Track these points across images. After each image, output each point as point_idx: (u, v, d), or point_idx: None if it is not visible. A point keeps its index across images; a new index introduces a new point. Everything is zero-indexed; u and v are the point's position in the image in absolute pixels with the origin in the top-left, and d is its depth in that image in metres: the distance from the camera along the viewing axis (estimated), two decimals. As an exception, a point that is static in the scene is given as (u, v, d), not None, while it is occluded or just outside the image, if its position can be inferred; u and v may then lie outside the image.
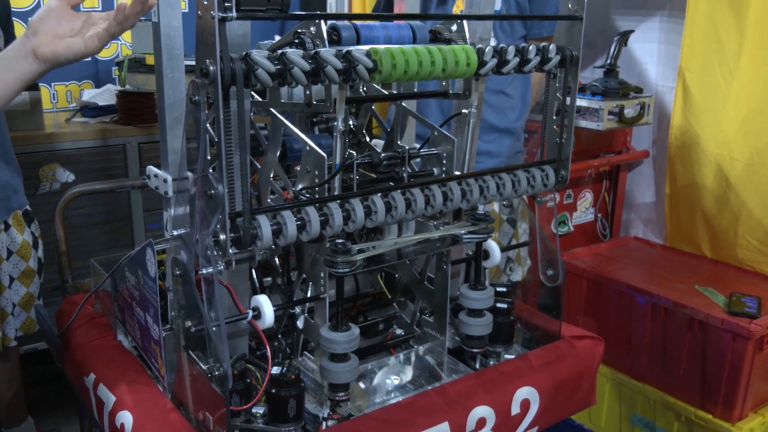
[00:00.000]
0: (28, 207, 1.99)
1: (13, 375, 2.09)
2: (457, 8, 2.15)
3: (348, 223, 1.02)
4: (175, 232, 1.07)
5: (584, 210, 2.80)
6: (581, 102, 2.46)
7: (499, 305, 1.31)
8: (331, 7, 3.73)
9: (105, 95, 2.88)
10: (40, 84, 2.72)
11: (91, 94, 2.91)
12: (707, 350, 2.06)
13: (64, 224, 1.80)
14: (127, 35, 3.13)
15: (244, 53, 0.88)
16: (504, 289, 1.37)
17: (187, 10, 3.03)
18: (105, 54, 3.13)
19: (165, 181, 1.13)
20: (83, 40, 1.10)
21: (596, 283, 2.35)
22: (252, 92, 1.18)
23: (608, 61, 2.55)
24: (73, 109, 2.93)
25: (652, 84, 2.72)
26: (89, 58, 3.08)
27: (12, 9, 2.02)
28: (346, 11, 3.61)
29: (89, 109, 2.81)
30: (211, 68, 0.84)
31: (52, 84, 3.01)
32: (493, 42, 2.10)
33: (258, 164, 1.22)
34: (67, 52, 1.10)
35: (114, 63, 3.11)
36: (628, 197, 2.91)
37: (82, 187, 1.82)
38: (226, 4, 0.83)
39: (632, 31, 2.60)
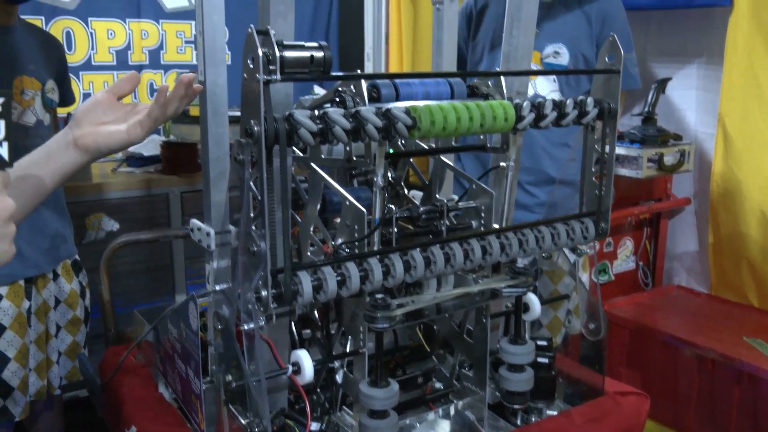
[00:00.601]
0: (77, 256, 2.04)
1: (55, 422, 2.11)
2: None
3: (387, 279, 1.03)
4: (217, 287, 1.08)
5: (625, 258, 2.76)
6: (620, 150, 2.45)
7: (540, 360, 1.29)
8: (369, 56, 3.81)
9: (150, 146, 2.96)
10: (88, 136, 2.82)
11: (136, 145, 3.00)
12: (758, 405, 1.98)
13: (108, 274, 1.84)
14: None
15: (287, 113, 0.90)
16: (544, 343, 1.35)
17: (230, 63, 3.13)
18: (150, 106, 3.24)
19: (208, 234, 1.15)
20: (126, 128, 1.09)
21: (639, 333, 2.30)
22: (293, 148, 1.21)
23: (646, 109, 2.55)
24: (119, 159, 3.02)
25: (691, 131, 2.69)
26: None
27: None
28: (383, 68, 3.69)
29: (134, 159, 2.89)
30: (256, 128, 0.87)
31: (100, 135, 3.12)
32: (557, 96, 2.12)
33: (298, 217, 1.23)
34: (109, 141, 1.08)
35: (159, 114, 3.21)
36: (670, 245, 2.86)
37: (126, 237, 1.86)
38: (271, 68, 0.86)
39: (669, 78, 2.60)
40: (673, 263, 2.87)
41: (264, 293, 0.92)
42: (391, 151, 1.11)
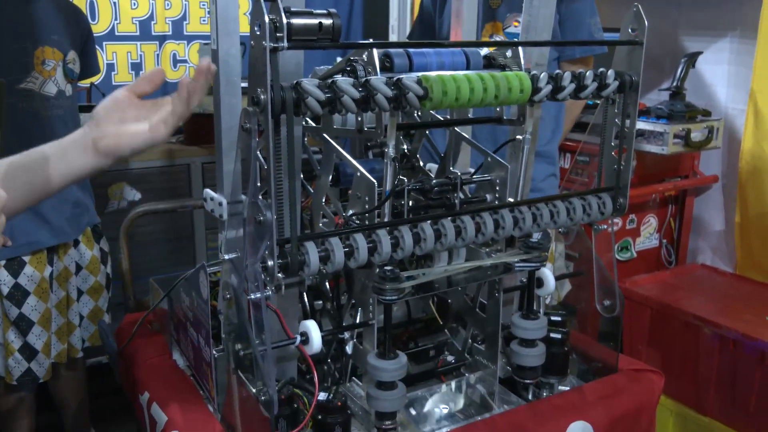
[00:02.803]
0: (98, 223, 2.07)
1: (78, 386, 2.17)
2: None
3: (396, 251, 1.02)
4: (226, 257, 1.09)
5: (648, 236, 2.71)
6: (645, 125, 2.39)
7: (552, 335, 1.28)
8: (393, 29, 3.76)
9: (172, 116, 2.97)
10: (111, 106, 2.84)
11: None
12: (779, 387, 1.95)
13: (128, 243, 1.87)
14: (194, 58, 3.24)
15: (294, 82, 0.89)
16: (558, 319, 1.33)
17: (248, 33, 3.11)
18: (174, 76, 3.24)
19: (220, 204, 1.15)
20: (150, 128, 0.99)
21: (660, 312, 2.27)
22: (306, 118, 1.20)
23: (674, 84, 2.48)
24: (142, 129, 3.04)
25: (721, 107, 2.62)
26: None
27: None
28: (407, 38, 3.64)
29: (157, 130, 2.91)
30: (262, 97, 0.86)
31: (124, 105, 3.14)
32: None
33: (311, 189, 1.23)
34: (132, 143, 0.99)
35: (182, 85, 3.21)
36: (696, 223, 2.81)
37: (145, 206, 1.88)
38: (278, 35, 0.84)
39: (700, 52, 2.53)
40: (698, 242, 2.82)
41: (270, 263, 0.91)
42: (402, 121, 1.09)
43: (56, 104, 1.88)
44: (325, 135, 1.16)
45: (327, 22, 0.91)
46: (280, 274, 0.94)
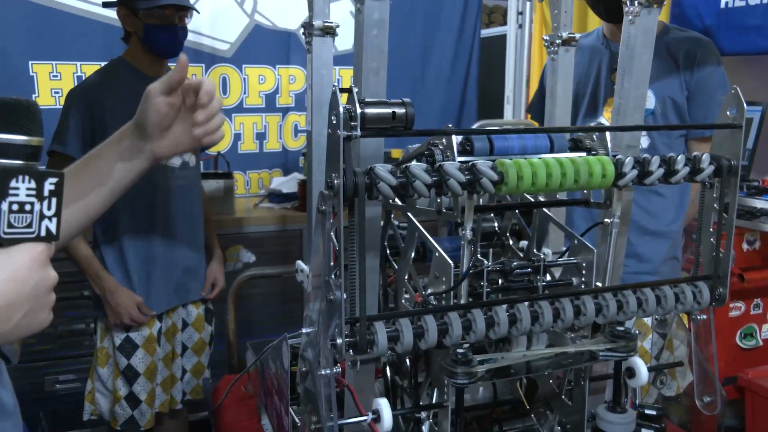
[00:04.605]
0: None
1: (178, 433, 2.28)
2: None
3: (469, 334, 1.01)
4: (304, 330, 1.12)
5: (777, 322, 2.49)
6: (764, 204, 2.23)
7: (644, 431, 1.20)
8: (508, 99, 3.79)
9: (290, 183, 3.14)
10: (235, 172, 3.04)
11: (278, 182, 3.20)
12: None
13: (235, 305, 1.97)
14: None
15: (369, 167, 0.93)
16: (653, 413, 1.25)
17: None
18: (294, 145, 3.43)
19: (308, 276, 1.20)
20: (190, 138, 1.11)
21: (789, 408, 2.06)
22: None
23: (801, 159, 2.31)
24: (261, 195, 3.22)
25: None
26: (279, 149, 3.42)
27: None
28: (522, 112, 3.66)
29: (275, 196, 3.07)
30: (336, 181, 0.90)
31: (247, 172, 3.35)
32: (646, 142, 2.03)
33: (395, 264, 1.25)
34: (186, 148, 1.13)
35: (301, 153, 3.39)
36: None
37: (252, 271, 1.99)
38: (352, 124, 0.89)
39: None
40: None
41: (339, 341, 0.94)
42: (482, 203, 1.10)
43: (180, 175, 2.04)
44: (408, 214, 1.19)
45: (400, 111, 0.94)
46: (350, 351, 0.96)
